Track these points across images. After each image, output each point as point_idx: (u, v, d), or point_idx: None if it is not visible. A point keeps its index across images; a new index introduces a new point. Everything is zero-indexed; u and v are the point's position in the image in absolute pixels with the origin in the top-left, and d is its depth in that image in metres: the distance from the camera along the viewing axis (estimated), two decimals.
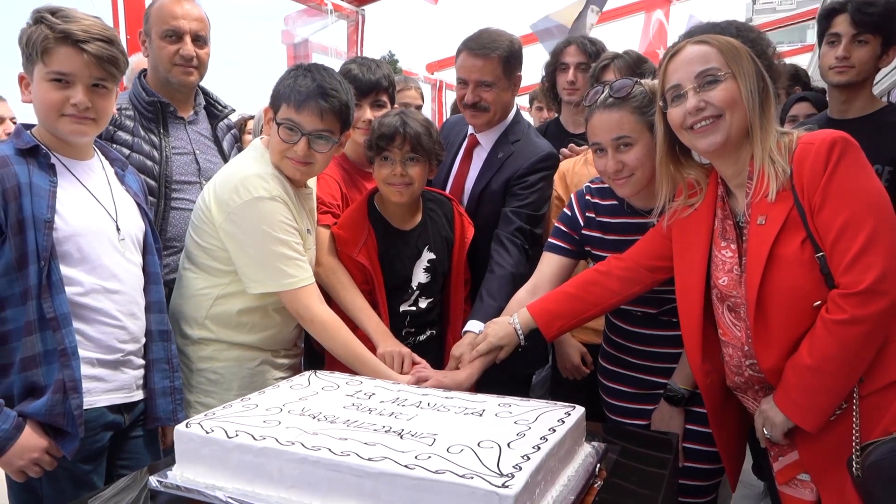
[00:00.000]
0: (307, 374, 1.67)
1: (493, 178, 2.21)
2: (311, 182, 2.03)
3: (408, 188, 1.98)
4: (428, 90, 8.36)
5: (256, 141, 1.94)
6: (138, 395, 1.71)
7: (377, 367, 1.80)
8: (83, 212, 1.60)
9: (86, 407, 1.55)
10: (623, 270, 1.76)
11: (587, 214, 1.93)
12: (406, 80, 3.86)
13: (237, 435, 1.26)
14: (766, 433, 1.56)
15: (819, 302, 1.44)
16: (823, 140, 1.43)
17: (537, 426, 1.31)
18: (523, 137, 2.23)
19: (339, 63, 2.31)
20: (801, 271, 1.44)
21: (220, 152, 2.37)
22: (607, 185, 1.86)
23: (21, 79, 1.59)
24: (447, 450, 1.19)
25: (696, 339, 1.64)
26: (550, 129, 2.97)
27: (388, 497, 1.13)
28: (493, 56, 2.12)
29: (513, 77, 2.20)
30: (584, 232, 1.94)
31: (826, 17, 2.36)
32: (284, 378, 1.91)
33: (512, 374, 2.09)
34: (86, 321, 1.58)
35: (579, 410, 1.42)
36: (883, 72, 4.23)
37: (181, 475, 1.29)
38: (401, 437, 1.25)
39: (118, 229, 1.66)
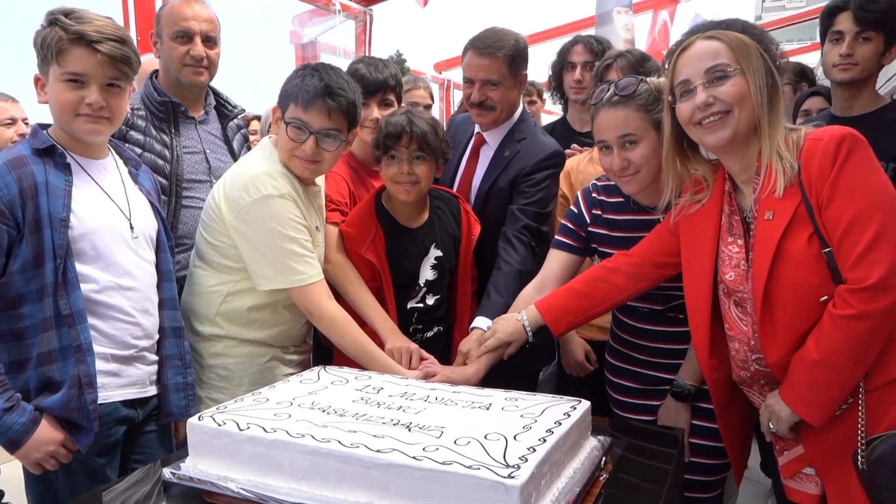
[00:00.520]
0: (317, 369, 1.70)
1: (500, 176, 2.23)
2: (320, 180, 2.05)
3: (415, 186, 2.00)
4: (436, 90, 8.38)
5: (265, 140, 1.97)
6: (152, 391, 1.74)
7: (385, 363, 1.82)
8: (98, 210, 1.63)
9: (100, 402, 1.58)
10: (630, 266, 1.77)
11: (593, 212, 1.95)
12: (415, 79, 3.89)
13: (248, 427, 1.28)
14: (771, 427, 1.57)
15: (826, 297, 1.44)
16: (832, 136, 1.43)
17: (543, 419, 1.33)
18: (529, 135, 2.25)
19: (348, 63, 2.34)
20: (808, 267, 1.45)
21: (230, 151, 2.40)
22: (613, 183, 1.87)
23: (36, 80, 1.62)
24: (454, 442, 1.21)
25: (703, 335, 1.65)
26: (557, 127, 3.00)
27: (396, 488, 1.15)
28: (499, 55, 2.14)
29: (518, 76, 2.22)
30: (590, 229, 1.95)
31: (829, 14, 2.36)
32: (294, 374, 1.94)
33: (519, 371, 2.10)
34: (100, 317, 1.61)
35: (585, 404, 1.43)
36: (890, 71, 4.21)
37: (194, 467, 1.31)
38: (409, 430, 1.28)
39: (132, 227, 1.69)
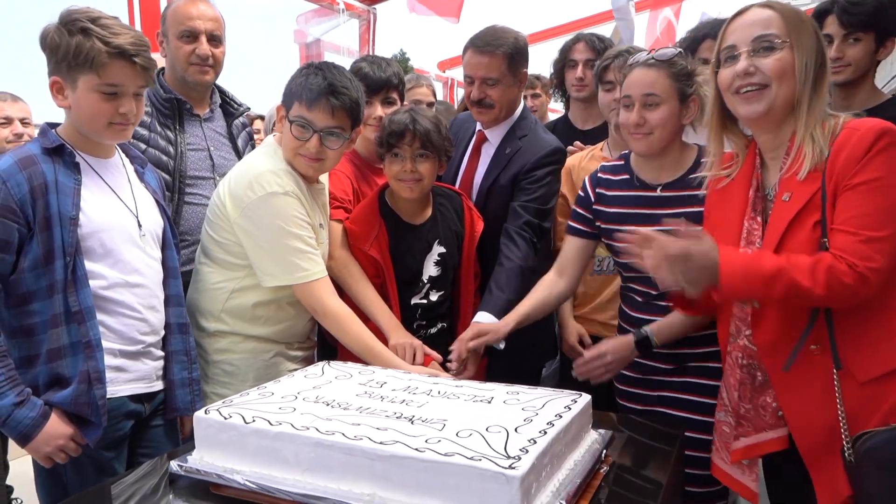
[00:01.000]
0: (321, 364, 1.72)
1: (502, 173, 2.24)
2: (323, 177, 2.07)
3: (418, 184, 2.02)
4: (439, 88, 8.39)
5: (269, 138, 1.99)
6: (158, 386, 1.76)
7: (389, 359, 1.84)
8: (106, 209, 1.66)
9: (108, 396, 1.61)
10: None
11: (598, 190, 2.02)
12: (418, 77, 3.90)
13: (254, 421, 1.30)
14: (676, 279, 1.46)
15: None
16: (871, 128, 1.40)
17: (544, 412, 1.34)
18: (530, 133, 2.26)
19: (351, 62, 2.35)
20: (806, 254, 1.44)
21: (235, 149, 2.42)
22: (621, 163, 1.99)
23: (54, 83, 1.61)
24: (456, 434, 1.23)
25: (728, 311, 1.64)
26: (559, 125, 3.01)
27: (399, 479, 1.17)
28: (498, 53, 2.16)
29: (518, 74, 2.23)
30: (594, 207, 2.01)
31: (817, 17, 2.35)
32: (298, 370, 1.97)
33: (522, 367, 2.13)
34: (109, 313, 1.64)
35: (586, 398, 1.45)
36: (894, 70, 4.20)
37: (201, 459, 1.33)
38: (412, 423, 1.29)
39: (139, 225, 1.72)
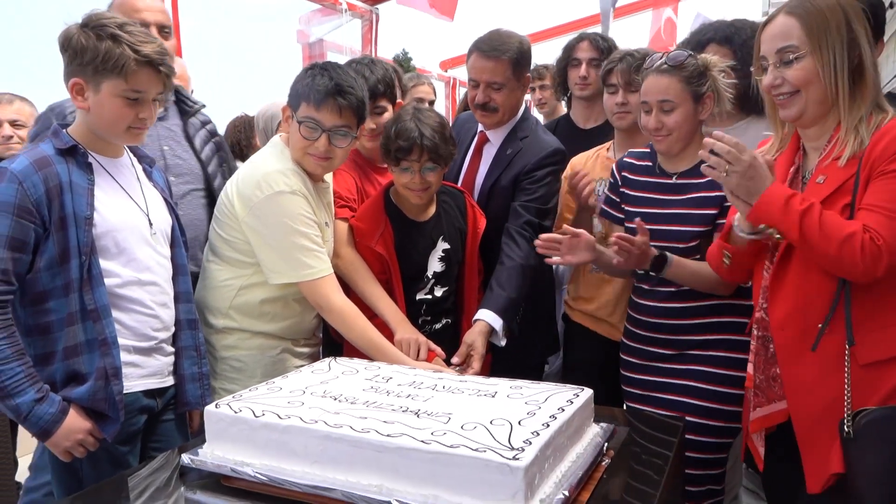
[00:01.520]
0: (327, 360, 1.74)
1: (503, 174, 2.27)
2: (328, 177, 2.10)
3: (426, 192, 2.07)
4: (441, 87, 8.42)
5: (276, 138, 2.02)
6: (169, 381, 1.80)
7: (393, 355, 1.87)
8: (119, 208, 1.69)
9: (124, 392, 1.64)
10: None
11: (623, 174, 2.14)
12: (419, 76, 3.93)
13: (263, 414, 1.33)
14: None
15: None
16: None
17: (547, 406, 1.37)
18: (531, 134, 2.29)
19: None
20: None
21: (192, 148, 2.33)
22: (647, 150, 2.11)
23: (74, 85, 1.63)
24: (461, 427, 1.26)
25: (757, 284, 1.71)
26: (560, 124, 3.03)
27: (406, 470, 1.19)
28: (504, 58, 2.18)
29: (522, 78, 2.26)
30: (621, 190, 2.12)
31: None
32: (304, 366, 2.00)
33: (524, 362, 2.16)
34: (123, 311, 1.67)
35: (588, 392, 1.48)
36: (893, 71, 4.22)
37: (211, 453, 1.36)
38: (417, 416, 1.32)
39: (150, 224, 1.75)
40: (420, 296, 2.13)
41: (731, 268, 1.74)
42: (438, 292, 2.15)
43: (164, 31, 2.25)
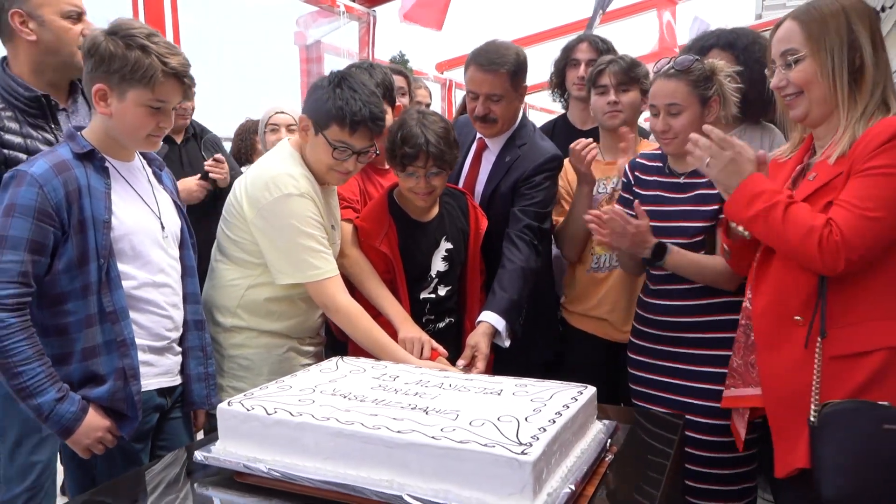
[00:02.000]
0: (334, 359, 1.77)
1: (502, 180, 2.31)
2: None
3: (431, 195, 2.11)
4: (437, 89, 8.44)
5: (284, 141, 2.05)
6: (178, 380, 1.82)
7: (398, 354, 1.90)
8: (134, 211, 1.71)
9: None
10: None
11: (635, 173, 2.19)
12: (415, 78, 3.96)
13: (276, 412, 1.36)
14: (706, 165, 1.63)
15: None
16: (894, 120, 1.48)
17: (552, 403, 1.41)
18: (529, 141, 2.33)
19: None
20: None
21: None
22: (659, 152, 2.16)
23: (98, 90, 1.63)
24: (469, 423, 1.29)
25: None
26: (558, 125, 3.05)
27: (416, 466, 1.22)
28: (502, 71, 2.21)
29: (519, 88, 2.30)
30: (634, 189, 2.16)
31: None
32: (310, 365, 2.02)
33: (527, 360, 2.19)
34: (139, 312, 1.70)
35: (591, 390, 1.51)
36: None
37: (224, 450, 1.39)
38: (426, 413, 1.35)
39: (162, 227, 1.78)
40: (424, 295, 2.16)
41: (733, 261, 1.79)
42: (442, 291, 2.19)
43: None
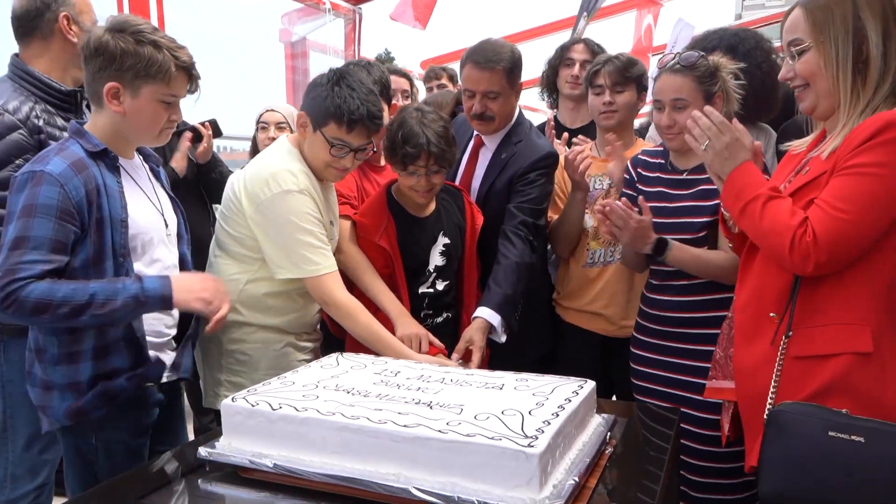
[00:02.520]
0: (334, 355, 1.78)
1: (498, 177, 2.32)
2: None
3: (430, 193, 2.13)
4: (422, 87, 8.45)
5: (283, 138, 2.07)
6: (174, 376, 1.82)
7: (397, 347, 1.92)
8: (142, 210, 1.71)
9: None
10: None
11: (637, 170, 2.21)
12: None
13: (281, 407, 1.36)
14: (702, 147, 1.59)
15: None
16: (879, 117, 1.40)
17: (554, 397, 1.42)
18: (525, 138, 2.35)
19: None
20: None
21: None
22: (661, 149, 2.18)
23: (110, 88, 1.62)
24: (474, 417, 1.30)
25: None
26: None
27: (424, 459, 1.23)
28: (498, 68, 2.22)
29: (516, 85, 2.31)
30: (637, 186, 2.17)
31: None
32: (307, 360, 2.05)
33: (522, 356, 2.22)
34: None
35: (591, 384, 1.53)
36: None
37: (229, 445, 1.39)
38: (430, 408, 1.36)
39: (166, 224, 1.78)
40: (423, 289, 2.18)
41: (737, 253, 1.75)
42: (440, 286, 2.20)
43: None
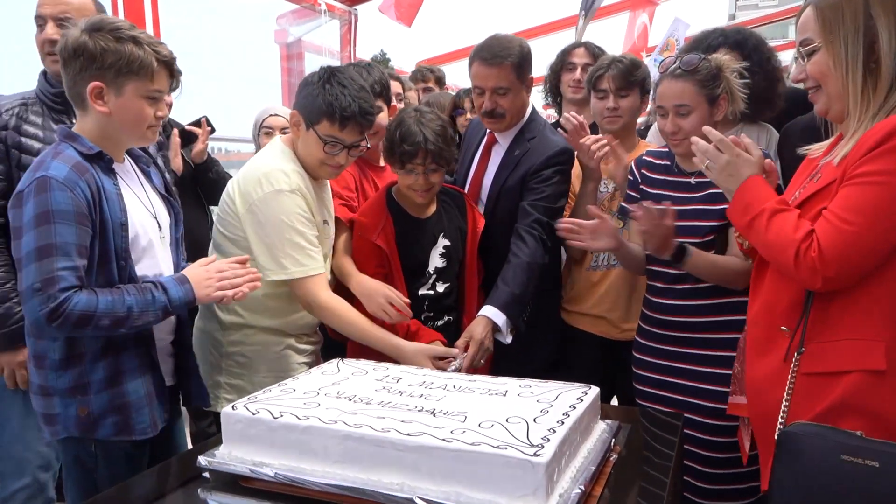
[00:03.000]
0: (335, 361, 1.76)
1: (511, 174, 2.28)
2: None
3: (429, 192, 2.12)
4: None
5: (277, 139, 2.06)
6: (172, 381, 1.81)
7: (386, 339, 1.94)
8: (138, 212, 1.70)
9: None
10: None
11: (642, 171, 2.18)
12: (404, 80, 3.95)
13: (282, 416, 1.34)
14: (706, 165, 1.59)
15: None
16: (889, 122, 1.36)
17: (558, 404, 1.41)
18: (539, 134, 2.30)
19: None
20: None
21: None
22: (665, 150, 2.14)
23: (94, 89, 1.59)
24: (479, 425, 1.28)
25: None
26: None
27: (428, 469, 1.21)
28: (507, 63, 2.19)
29: (526, 80, 2.28)
30: (640, 187, 2.15)
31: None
32: (306, 363, 2.06)
33: (528, 360, 2.19)
34: None
35: (595, 390, 1.52)
36: None
37: (229, 454, 1.37)
38: (434, 416, 1.34)
39: (160, 227, 1.76)
40: (423, 291, 2.16)
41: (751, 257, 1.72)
42: (440, 288, 2.19)
43: (63, 23, 2.08)
